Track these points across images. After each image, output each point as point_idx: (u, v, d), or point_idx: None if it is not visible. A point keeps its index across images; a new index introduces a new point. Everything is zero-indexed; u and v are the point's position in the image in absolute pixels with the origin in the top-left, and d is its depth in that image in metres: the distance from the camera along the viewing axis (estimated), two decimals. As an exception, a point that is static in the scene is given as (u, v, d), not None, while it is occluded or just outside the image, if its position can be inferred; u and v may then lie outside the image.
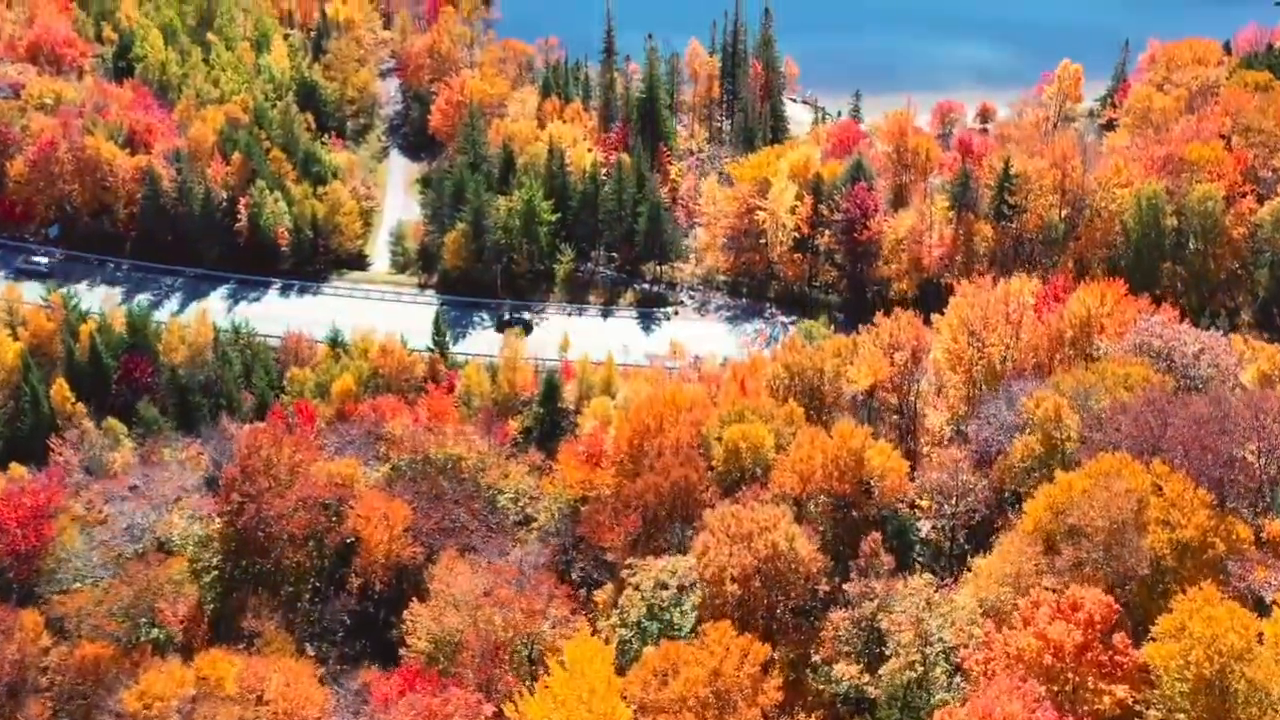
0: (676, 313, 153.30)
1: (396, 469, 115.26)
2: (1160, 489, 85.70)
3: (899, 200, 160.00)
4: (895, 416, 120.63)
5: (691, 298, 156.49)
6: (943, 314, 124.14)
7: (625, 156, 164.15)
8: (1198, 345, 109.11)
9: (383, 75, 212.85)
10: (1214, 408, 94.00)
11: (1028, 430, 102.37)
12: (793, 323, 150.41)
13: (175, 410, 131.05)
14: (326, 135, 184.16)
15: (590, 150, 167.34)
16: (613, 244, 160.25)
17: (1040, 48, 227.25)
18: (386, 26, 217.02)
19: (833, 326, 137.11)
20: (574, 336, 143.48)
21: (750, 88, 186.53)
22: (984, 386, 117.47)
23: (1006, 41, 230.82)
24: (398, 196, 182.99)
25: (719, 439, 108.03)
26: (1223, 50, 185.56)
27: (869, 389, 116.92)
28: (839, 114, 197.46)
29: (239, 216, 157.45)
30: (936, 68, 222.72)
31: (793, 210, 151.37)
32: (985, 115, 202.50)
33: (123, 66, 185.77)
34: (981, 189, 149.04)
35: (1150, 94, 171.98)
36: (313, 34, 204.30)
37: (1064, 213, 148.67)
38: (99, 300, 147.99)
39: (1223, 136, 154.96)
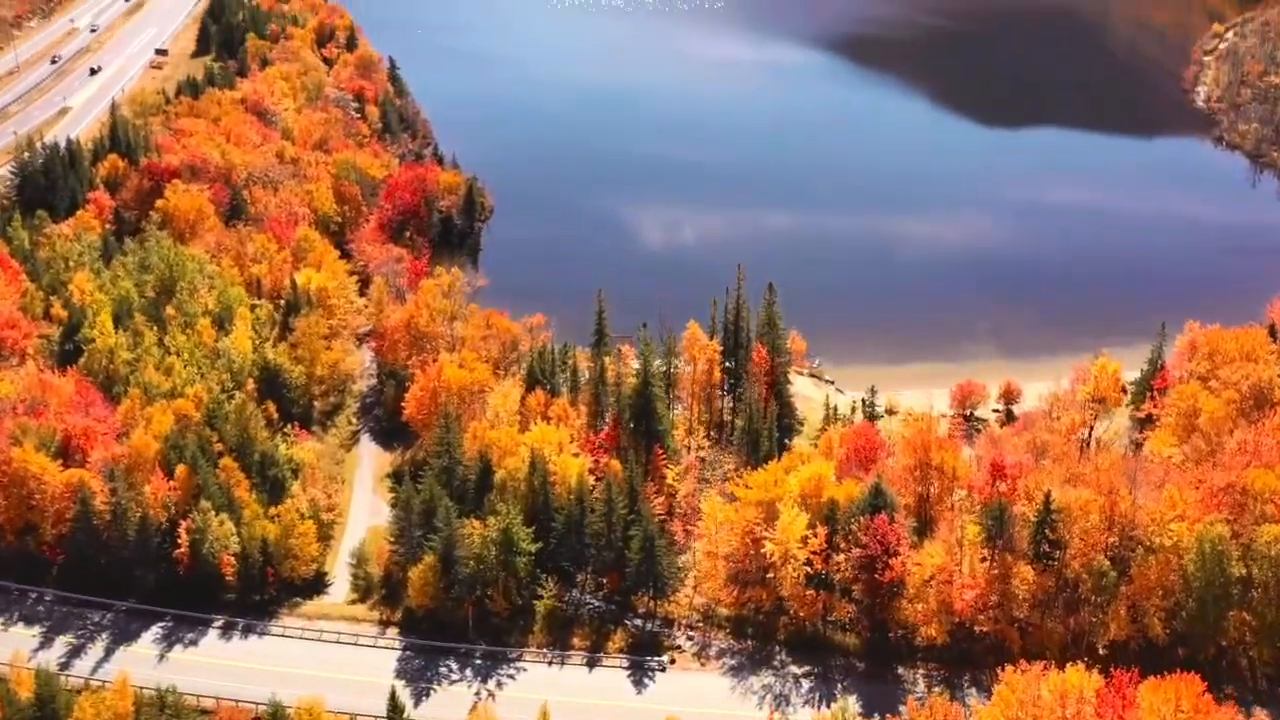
0: (673, 660, 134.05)
1: None
2: None
3: (922, 518, 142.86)
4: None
5: (690, 638, 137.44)
6: (982, 695, 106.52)
7: (616, 466, 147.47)
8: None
9: (358, 342, 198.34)
10: None
11: None
12: (805, 675, 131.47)
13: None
14: (290, 425, 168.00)
15: (577, 455, 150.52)
16: (601, 569, 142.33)
17: (1063, 317, 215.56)
18: (363, 291, 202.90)
19: (857, 702, 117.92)
20: (555, 695, 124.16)
21: (754, 373, 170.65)
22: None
23: (1025, 308, 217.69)
24: (365, 494, 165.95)
25: None
26: (1268, 334, 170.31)
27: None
28: (853, 406, 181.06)
29: (180, 542, 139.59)
30: (953, 335, 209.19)
31: (804, 541, 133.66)
32: (1009, 396, 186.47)
33: (70, 350, 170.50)
34: (1018, 522, 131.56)
35: (1195, 393, 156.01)
36: (283, 302, 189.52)
37: (1112, 540, 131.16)
38: (11, 648, 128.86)
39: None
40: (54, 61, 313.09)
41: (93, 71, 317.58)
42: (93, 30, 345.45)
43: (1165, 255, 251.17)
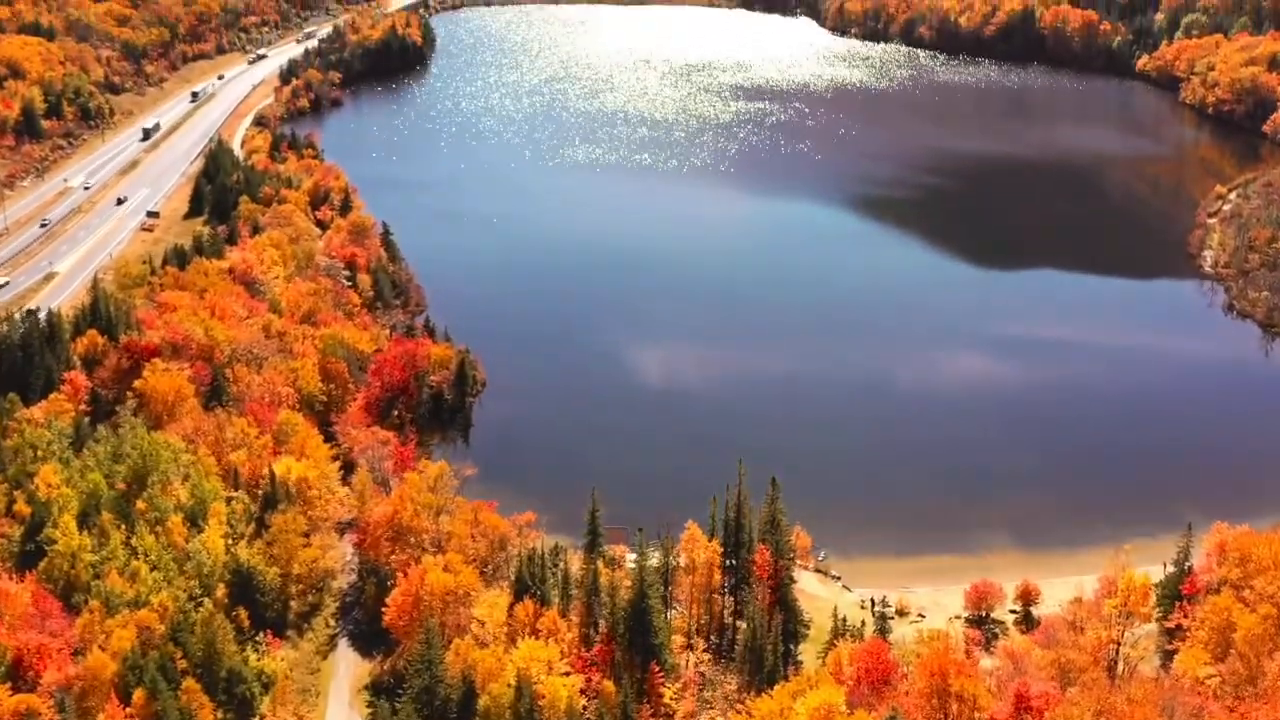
0: None
1: None
2: None
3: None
4: None
5: None
6: None
7: (609, 687, 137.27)
8: None
9: (340, 533, 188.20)
10: None
11: None
12: None
13: None
14: (262, 632, 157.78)
15: (568, 674, 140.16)
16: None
17: (1079, 501, 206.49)
18: (346, 478, 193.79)
19: None
20: None
21: (757, 577, 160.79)
22: None
23: (1039, 492, 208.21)
24: (341, 708, 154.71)
25: None
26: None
27: None
28: (863, 613, 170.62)
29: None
30: (965, 524, 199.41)
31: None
32: (1028, 598, 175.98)
33: (30, 551, 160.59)
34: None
35: (1228, 606, 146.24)
36: (261, 494, 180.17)
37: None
38: None
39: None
40: None
41: (119, 201, 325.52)
42: (85, 189, 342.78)
43: (1179, 421, 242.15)
